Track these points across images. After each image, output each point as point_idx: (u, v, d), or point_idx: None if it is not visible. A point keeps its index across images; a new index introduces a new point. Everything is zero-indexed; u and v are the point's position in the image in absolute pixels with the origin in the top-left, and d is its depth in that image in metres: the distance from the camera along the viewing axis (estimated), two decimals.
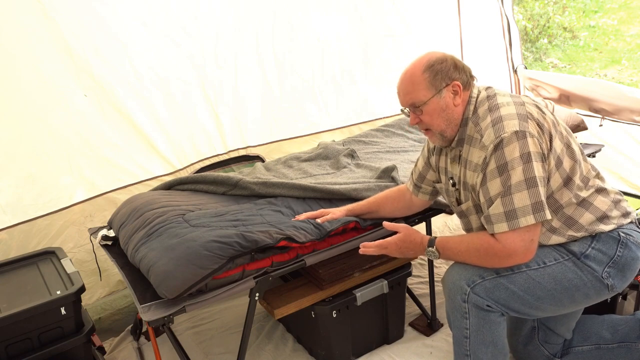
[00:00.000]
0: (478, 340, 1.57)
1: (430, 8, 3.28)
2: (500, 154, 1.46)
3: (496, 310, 1.54)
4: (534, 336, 1.85)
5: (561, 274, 1.53)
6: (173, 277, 1.52)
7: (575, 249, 1.54)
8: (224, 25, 2.56)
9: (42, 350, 1.68)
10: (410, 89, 1.59)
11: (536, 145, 1.45)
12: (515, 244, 1.46)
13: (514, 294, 1.53)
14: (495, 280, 1.53)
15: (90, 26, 2.17)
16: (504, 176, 1.45)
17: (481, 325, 1.55)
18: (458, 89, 1.58)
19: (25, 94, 2.09)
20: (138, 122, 2.38)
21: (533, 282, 1.52)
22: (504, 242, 1.47)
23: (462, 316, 1.57)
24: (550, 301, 1.55)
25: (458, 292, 1.55)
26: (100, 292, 2.40)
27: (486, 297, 1.53)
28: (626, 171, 3.00)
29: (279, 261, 1.71)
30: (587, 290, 1.55)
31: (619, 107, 2.86)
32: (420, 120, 1.62)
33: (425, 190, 1.89)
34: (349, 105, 3.09)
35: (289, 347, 2.16)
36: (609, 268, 1.53)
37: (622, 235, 1.55)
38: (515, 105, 1.52)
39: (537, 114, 1.52)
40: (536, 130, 1.47)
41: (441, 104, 1.58)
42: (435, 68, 1.56)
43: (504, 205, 1.45)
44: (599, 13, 7.12)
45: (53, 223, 2.22)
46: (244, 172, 2.39)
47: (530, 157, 1.44)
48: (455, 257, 1.60)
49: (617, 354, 1.79)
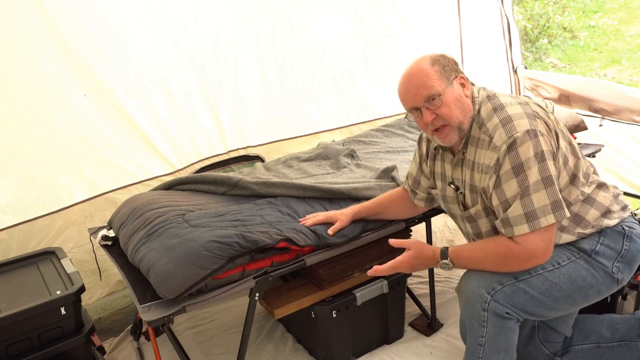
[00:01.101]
0: (492, 348, 1.55)
1: (430, 8, 3.28)
2: (515, 155, 1.43)
3: (514, 317, 1.53)
4: (534, 336, 1.85)
5: (575, 273, 1.53)
6: (173, 277, 1.52)
7: (586, 247, 1.55)
8: (224, 25, 2.56)
9: (42, 350, 1.68)
10: (424, 83, 1.53)
11: (547, 143, 1.45)
12: (535, 245, 1.45)
13: (533, 297, 1.52)
14: (514, 286, 1.51)
15: (90, 26, 2.17)
16: (520, 177, 1.43)
17: (497, 333, 1.54)
18: (465, 82, 1.58)
19: (25, 94, 2.09)
20: (138, 122, 2.38)
21: (550, 283, 1.52)
22: (525, 244, 1.46)
23: (480, 324, 1.54)
24: (566, 300, 1.55)
25: (478, 300, 1.52)
26: (100, 292, 2.40)
27: (506, 304, 1.51)
28: (626, 171, 3.00)
29: (279, 261, 1.71)
30: (600, 287, 1.56)
31: (619, 107, 2.86)
32: (437, 116, 1.54)
33: (421, 196, 1.88)
34: (349, 105, 3.09)
35: (289, 347, 2.16)
36: (618, 262, 1.55)
37: (627, 229, 1.57)
38: (521, 105, 1.52)
39: (542, 113, 1.53)
40: (545, 129, 1.47)
41: (456, 94, 1.54)
42: (441, 62, 1.56)
43: (523, 207, 1.43)
44: (599, 13, 7.12)
45: (53, 223, 2.22)
46: (243, 172, 2.39)
47: (544, 156, 1.43)
48: (471, 265, 1.57)
49: (616, 352, 1.79)
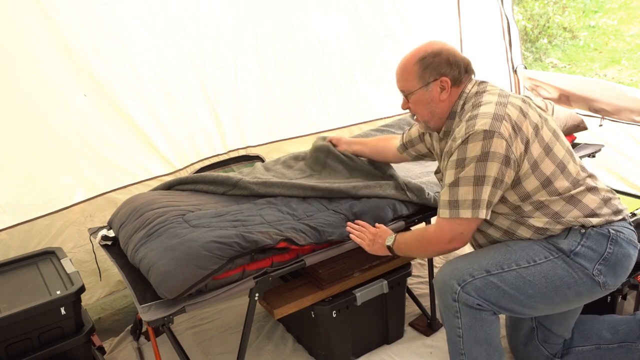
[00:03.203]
0: (471, 339, 1.58)
1: (430, 8, 3.28)
2: (463, 149, 1.51)
3: (487, 309, 1.55)
4: (534, 336, 1.85)
5: (552, 272, 1.53)
6: (173, 277, 1.52)
7: (565, 247, 1.54)
8: (224, 25, 2.56)
9: (42, 350, 1.68)
10: (402, 77, 1.69)
11: (502, 146, 1.47)
12: (444, 231, 1.56)
13: (505, 292, 1.54)
14: (485, 279, 1.54)
15: (90, 26, 2.17)
16: (458, 169, 1.52)
17: (473, 324, 1.56)
18: (446, 85, 1.63)
19: (25, 94, 2.09)
20: (138, 122, 2.38)
21: (524, 280, 1.53)
22: (438, 226, 1.59)
23: (454, 315, 1.58)
24: (542, 299, 1.55)
25: (448, 291, 1.57)
26: (100, 292, 2.40)
27: (476, 296, 1.54)
28: (626, 171, 3.00)
29: (279, 261, 1.71)
30: (579, 288, 1.54)
31: (619, 107, 2.86)
32: (408, 107, 1.73)
33: (409, 153, 2.06)
34: (349, 105, 3.09)
35: (289, 347, 2.16)
36: (600, 265, 1.53)
37: (612, 232, 1.55)
38: (496, 105, 1.54)
39: (517, 117, 1.53)
40: (508, 133, 1.48)
41: (427, 96, 1.66)
42: (426, 61, 1.63)
43: (450, 195, 1.53)
44: (599, 13, 7.13)
45: (53, 223, 2.22)
46: (243, 172, 2.38)
47: (488, 157, 1.47)
48: (406, 247, 1.73)
49: (617, 354, 1.79)
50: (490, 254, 1.60)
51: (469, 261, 1.60)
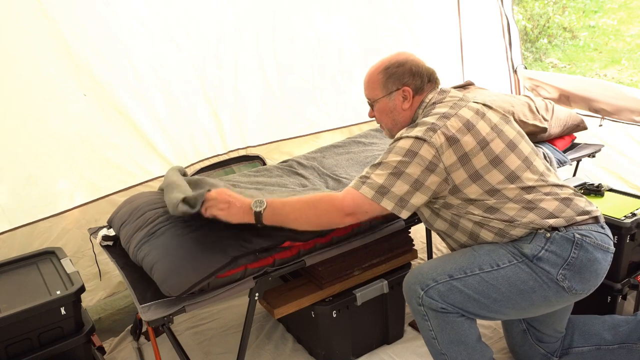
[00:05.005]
0: (446, 340, 1.58)
1: (430, 8, 3.28)
2: (394, 144, 1.58)
3: (453, 312, 1.55)
4: (527, 337, 1.85)
5: (515, 276, 1.52)
6: (177, 274, 1.52)
7: (528, 252, 1.53)
8: (224, 25, 2.56)
9: (42, 350, 1.68)
10: (367, 86, 1.76)
11: (429, 153, 1.50)
12: (347, 201, 1.54)
13: (469, 297, 1.53)
14: (448, 284, 1.54)
15: (90, 26, 2.17)
16: (383, 156, 1.57)
17: (443, 326, 1.57)
18: (408, 95, 1.69)
19: (25, 94, 2.09)
20: (138, 122, 2.38)
21: (487, 284, 1.53)
22: (344, 194, 1.56)
23: (422, 318, 1.59)
24: (507, 304, 1.54)
25: (413, 295, 1.58)
26: (101, 294, 2.40)
27: (440, 301, 1.54)
28: (626, 171, 3.00)
29: (281, 258, 1.71)
30: (545, 293, 1.52)
31: (618, 107, 2.86)
32: (374, 115, 1.79)
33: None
34: (349, 105, 3.08)
35: (289, 347, 2.16)
36: (564, 270, 1.50)
37: (577, 237, 1.52)
38: (439, 116, 1.57)
39: (459, 129, 1.53)
40: (440, 143, 1.51)
41: (390, 105, 1.72)
42: (389, 71, 1.69)
43: (365, 171, 1.57)
44: (599, 13, 7.12)
45: (54, 225, 2.22)
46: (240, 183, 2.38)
47: (412, 156, 1.51)
48: (282, 214, 1.57)
49: (617, 355, 1.78)
50: (456, 258, 1.60)
51: (434, 266, 1.60)
